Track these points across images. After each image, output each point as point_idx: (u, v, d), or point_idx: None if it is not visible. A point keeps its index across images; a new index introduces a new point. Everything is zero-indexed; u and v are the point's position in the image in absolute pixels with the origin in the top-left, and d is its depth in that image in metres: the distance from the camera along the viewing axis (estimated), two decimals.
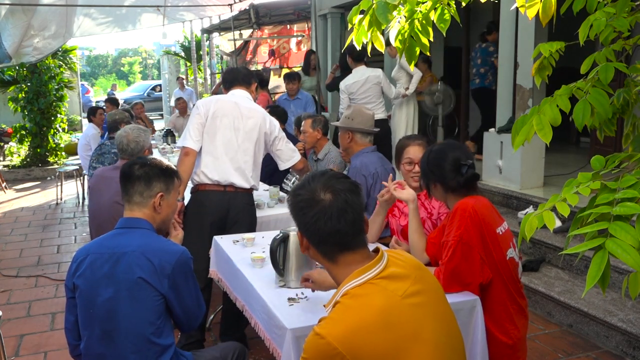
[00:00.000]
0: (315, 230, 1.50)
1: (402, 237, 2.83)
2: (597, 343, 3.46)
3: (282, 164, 3.60)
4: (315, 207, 1.50)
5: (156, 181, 2.15)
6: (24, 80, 10.08)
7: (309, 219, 1.50)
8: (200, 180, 3.33)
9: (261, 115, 3.44)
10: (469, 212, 2.17)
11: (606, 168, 1.26)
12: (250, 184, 3.38)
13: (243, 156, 3.34)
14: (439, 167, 2.33)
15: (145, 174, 2.14)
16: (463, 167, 2.30)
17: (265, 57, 13.75)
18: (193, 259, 2.13)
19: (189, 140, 3.31)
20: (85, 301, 2.03)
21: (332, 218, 1.48)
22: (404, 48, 1.87)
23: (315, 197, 1.51)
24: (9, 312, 4.06)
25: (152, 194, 2.14)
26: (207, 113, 3.33)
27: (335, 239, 1.50)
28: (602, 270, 1.02)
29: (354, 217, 1.50)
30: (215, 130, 3.32)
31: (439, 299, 1.54)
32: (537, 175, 5.29)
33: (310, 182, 1.55)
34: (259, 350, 3.33)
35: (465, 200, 2.24)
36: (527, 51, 5.12)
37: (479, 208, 2.20)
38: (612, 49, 1.51)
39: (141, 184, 2.13)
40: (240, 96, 3.46)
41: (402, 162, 2.92)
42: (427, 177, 2.41)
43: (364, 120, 3.61)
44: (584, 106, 1.38)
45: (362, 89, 5.85)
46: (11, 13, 7.23)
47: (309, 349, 1.38)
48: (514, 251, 2.30)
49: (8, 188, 9.10)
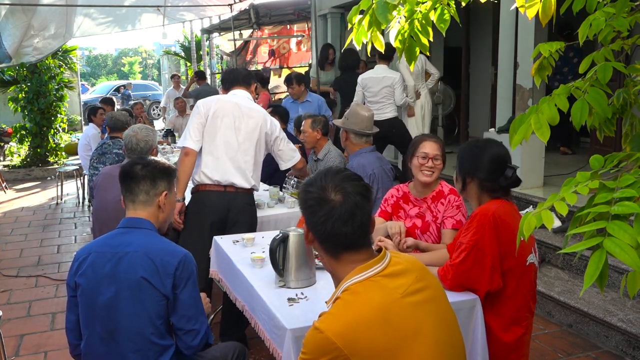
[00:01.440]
0: (322, 229, 1.50)
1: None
2: (597, 343, 3.47)
3: (283, 163, 3.60)
4: (325, 207, 1.50)
5: (160, 180, 2.17)
6: (24, 80, 10.08)
7: (318, 218, 1.50)
8: (200, 181, 3.33)
9: (262, 115, 3.44)
10: (489, 219, 2.13)
11: (605, 167, 1.26)
12: (251, 184, 3.38)
13: (243, 156, 3.34)
14: (482, 163, 2.25)
15: (150, 173, 2.16)
16: (509, 170, 2.25)
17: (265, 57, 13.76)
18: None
19: (189, 141, 3.31)
20: (87, 300, 2.03)
21: (339, 220, 1.48)
22: (403, 48, 1.87)
23: (325, 197, 1.50)
24: (9, 312, 4.06)
25: (157, 193, 2.16)
26: (208, 113, 3.33)
27: (340, 240, 1.50)
28: (600, 269, 1.02)
29: (362, 221, 1.50)
30: (216, 130, 3.32)
31: (440, 298, 1.55)
32: (537, 175, 5.29)
33: (322, 179, 1.54)
34: (259, 350, 3.33)
35: (488, 205, 2.20)
36: (527, 51, 5.13)
37: (500, 214, 2.15)
38: (611, 49, 1.51)
39: (147, 183, 2.14)
40: (241, 96, 3.46)
41: (416, 155, 2.79)
42: (465, 171, 2.31)
43: (358, 121, 3.61)
44: (582, 105, 1.38)
45: (376, 87, 5.91)
46: (11, 13, 7.23)
47: (308, 343, 1.39)
48: (534, 256, 2.27)
49: (8, 188, 9.10)
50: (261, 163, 3.50)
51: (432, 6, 1.77)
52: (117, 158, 4.85)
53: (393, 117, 5.96)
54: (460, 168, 2.35)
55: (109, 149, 4.98)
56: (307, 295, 2.30)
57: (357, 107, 3.68)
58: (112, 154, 4.93)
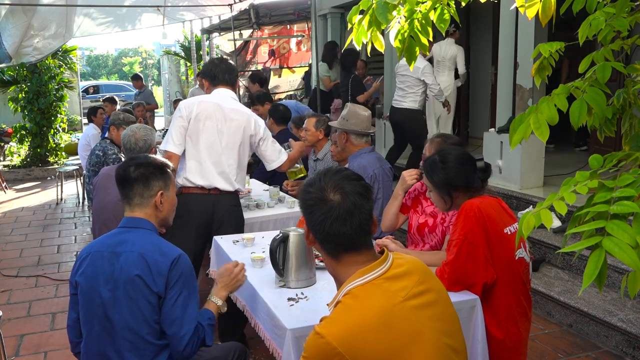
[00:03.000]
0: (321, 229, 1.51)
1: (418, 233, 2.84)
2: (597, 343, 3.47)
3: (268, 164, 3.52)
4: (323, 207, 1.50)
5: (154, 180, 2.13)
6: (24, 80, 10.09)
7: (316, 217, 1.51)
8: (184, 184, 3.28)
9: (245, 116, 3.34)
10: (474, 212, 2.16)
11: (604, 167, 1.26)
12: (235, 187, 3.32)
13: (227, 160, 3.27)
14: (454, 172, 2.29)
15: (142, 175, 2.11)
16: (479, 162, 2.31)
17: (265, 57, 13.76)
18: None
19: (171, 145, 3.24)
20: (86, 298, 2.04)
21: (337, 220, 1.48)
22: (403, 48, 1.87)
23: (324, 197, 1.51)
24: (9, 312, 4.06)
25: (152, 194, 2.12)
26: (190, 115, 3.25)
27: (338, 240, 1.50)
28: (598, 268, 1.02)
29: (360, 221, 1.50)
30: (199, 134, 3.25)
31: (442, 301, 1.54)
32: (537, 175, 5.29)
33: (321, 179, 1.55)
34: (259, 350, 3.33)
35: (472, 200, 2.23)
36: (527, 51, 5.13)
37: (484, 207, 2.19)
38: (611, 49, 1.51)
39: (140, 186, 2.11)
40: (224, 96, 3.36)
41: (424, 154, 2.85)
42: (446, 188, 2.32)
43: (359, 122, 3.60)
44: (581, 105, 1.38)
45: (404, 73, 6.11)
46: (11, 13, 7.23)
47: (309, 348, 1.38)
48: (524, 251, 2.28)
49: (8, 188, 9.11)
50: (246, 165, 3.43)
51: (432, 6, 1.76)
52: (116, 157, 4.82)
53: (412, 109, 6.15)
54: (439, 188, 2.35)
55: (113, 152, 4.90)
56: (307, 295, 2.31)
57: (356, 108, 3.68)
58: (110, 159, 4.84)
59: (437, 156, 2.38)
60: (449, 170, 2.31)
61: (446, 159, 2.33)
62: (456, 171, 2.30)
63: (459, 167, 2.30)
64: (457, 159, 2.32)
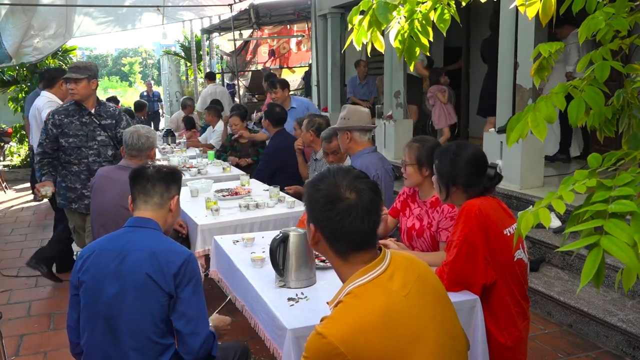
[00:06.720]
0: (338, 228, 1.47)
1: (406, 238, 2.83)
2: (597, 343, 3.47)
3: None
4: (340, 205, 1.47)
5: (172, 184, 2.23)
6: (24, 80, 10.09)
7: (334, 215, 1.47)
8: None
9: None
10: (475, 213, 2.15)
11: (603, 166, 1.26)
12: None
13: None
14: (461, 169, 2.27)
15: (165, 177, 2.21)
16: (491, 170, 2.27)
17: (265, 57, 13.78)
18: None
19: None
20: (90, 297, 2.04)
21: (357, 218, 1.46)
22: (403, 48, 1.87)
23: (339, 194, 1.48)
24: (9, 312, 4.06)
25: (170, 196, 2.21)
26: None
27: (354, 237, 1.48)
28: (596, 267, 1.03)
29: (376, 218, 1.50)
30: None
31: (441, 299, 1.54)
32: (537, 175, 5.29)
33: (332, 176, 1.52)
34: (259, 350, 3.33)
35: (472, 200, 2.22)
36: (527, 51, 5.13)
37: (485, 208, 2.18)
38: (609, 48, 1.51)
39: (162, 186, 2.19)
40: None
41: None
42: (446, 179, 2.31)
43: (361, 118, 3.60)
44: (579, 103, 1.38)
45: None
46: (11, 13, 7.24)
47: (310, 348, 1.38)
48: (522, 252, 2.28)
49: (8, 188, 9.10)
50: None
51: (432, 6, 1.76)
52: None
53: None
54: (440, 177, 2.34)
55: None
56: (307, 295, 2.31)
57: (355, 106, 3.70)
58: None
59: (453, 146, 2.35)
60: (457, 165, 2.28)
61: (459, 153, 2.30)
62: (463, 169, 2.27)
63: (468, 166, 2.27)
64: (469, 158, 2.28)
